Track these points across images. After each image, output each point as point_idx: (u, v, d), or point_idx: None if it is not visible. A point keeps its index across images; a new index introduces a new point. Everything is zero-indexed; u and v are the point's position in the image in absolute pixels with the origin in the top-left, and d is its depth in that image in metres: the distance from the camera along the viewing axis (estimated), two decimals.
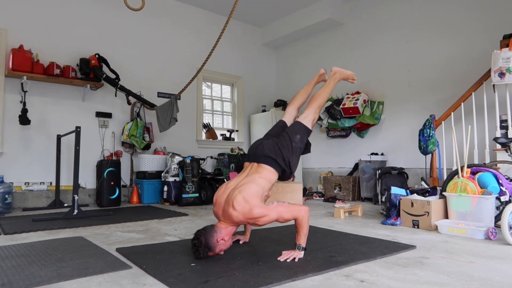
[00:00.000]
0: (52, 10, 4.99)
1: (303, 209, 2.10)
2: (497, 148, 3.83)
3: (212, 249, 2.04)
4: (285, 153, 2.26)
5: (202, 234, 2.05)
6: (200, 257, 2.04)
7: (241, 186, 2.10)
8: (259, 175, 2.20)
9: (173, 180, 5.03)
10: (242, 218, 2.02)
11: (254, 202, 2.02)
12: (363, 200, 5.36)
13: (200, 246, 2.02)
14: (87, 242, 2.57)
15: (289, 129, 2.39)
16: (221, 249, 2.11)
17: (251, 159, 2.33)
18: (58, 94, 4.96)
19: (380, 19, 5.76)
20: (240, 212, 2.00)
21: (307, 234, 2.12)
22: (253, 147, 2.36)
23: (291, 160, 2.29)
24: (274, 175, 2.26)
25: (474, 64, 4.57)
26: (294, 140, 2.31)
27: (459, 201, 3.04)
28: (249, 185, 2.10)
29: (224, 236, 2.07)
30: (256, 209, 2.01)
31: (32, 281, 1.70)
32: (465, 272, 1.86)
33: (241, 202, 2.00)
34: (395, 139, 5.48)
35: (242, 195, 2.02)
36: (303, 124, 2.39)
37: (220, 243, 2.07)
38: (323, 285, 1.67)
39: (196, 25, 6.46)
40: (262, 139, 2.41)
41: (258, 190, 2.11)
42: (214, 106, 6.93)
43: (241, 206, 2.00)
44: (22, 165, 4.66)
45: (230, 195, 2.07)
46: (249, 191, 2.05)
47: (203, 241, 2.02)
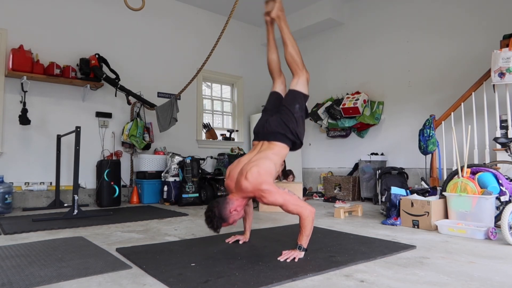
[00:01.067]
0: (52, 10, 4.99)
1: (309, 209, 2.11)
2: (497, 148, 3.83)
3: (226, 219, 2.11)
4: (291, 126, 2.30)
5: (215, 206, 2.12)
6: (214, 228, 2.10)
7: (256, 160, 2.18)
8: (272, 152, 2.27)
9: (173, 180, 5.03)
10: (251, 188, 2.09)
11: (266, 178, 2.11)
12: (363, 200, 5.36)
13: (214, 217, 2.09)
14: (87, 242, 2.57)
15: (286, 101, 2.39)
16: (234, 220, 2.18)
17: (260, 137, 2.38)
18: (58, 94, 4.96)
19: (380, 19, 5.76)
20: (251, 182, 2.08)
21: (309, 236, 2.12)
22: (260, 125, 2.40)
23: (298, 130, 2.34)
24: (285, 149, 2.34)
25: (474, 64, 4.56)
26: (295, 111, 2.33)
27: (459, 201, 3.04)
28: (264, 161, 2.17)
29: (237, 206, 2.16)
30: (266, 184, 2.08)
31: (32, 281, 1.70)
32: (465, 272, 1.86)
33: (255, 174, 2.09)
34: (395, 139, 5.48)
35: (257, 168, 2.11)
36: (297, 91, 2.39)
37: (233, 214, 2.14)
38: (323, 285, 1.67)
39: (196, 25, 6.46)
40: (266, 117, 2.42)
41: (271, 167, 2.18)
42: (214, 106, 6.93)
43: (254, 178, 2.08)
44: (22, 165, 4.66)
45: (244, 168, 2.16)
46: (264, 166, 2.14)
47: (217, 213, 2.09)
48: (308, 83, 2.44)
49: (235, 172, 2.24)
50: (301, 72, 2.43)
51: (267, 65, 2.65)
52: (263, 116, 2.47)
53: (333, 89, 6.35)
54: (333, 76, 6.45)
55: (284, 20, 2.52)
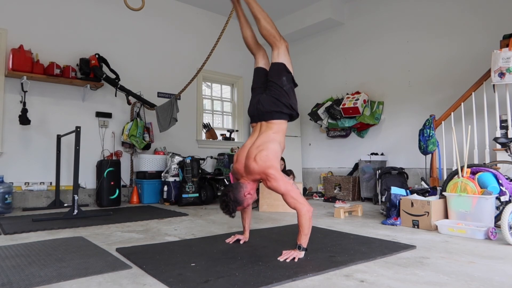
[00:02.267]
0: (52, 10, 4.99)
1: (306, 206, 2.11)
2: (497, 148, 3.83)
3: (241, 203, 2.18)
4: (283, 100, 2.32)
5: (230, 190, 2.18)
6: (230, 212, 2.16)
7: (262, 144, 2.22)
8: (272, 131, 2.30)
9: (173, 180, 5.03)
10: (258, 170, 2.16)
11: (274, 163, 2.17)
12: (363, 200, 5.36)
13: (229, 201, 2.15)
14: (87, 242, 2.57)
15: (272, 76, 2.38)
16: (248, 203, 2.25)
17: (256, 119, 2.40)
18: (58, 94, 4.96)
19: (380, 19, 5.76)
20: (259, 165, 2.15)
21: (308, 235, 2.12)
22: (253, 107, 2.41)
23: (291, 102, 2.36)
24: (284, 124, 2.37)
25: (474, 64, 4.57)
26: (283, 84, 2.34)
27: (459, 201, 3.04)
28: (270, 144, 2.23)
29: (250, 190, 2.23)
30: (273, 169, 2.14)
31: (32, 281, 1.70)
32: (465, 272, 1.86)
33: (264, 158, 2.15)
34: (395, 139, 5.48)
35: (266, 152, 2.17)
36: (281, 63, 2.38)
37: (248, 197, 2.21)
38: (323, 285, 1.67)
39: (196, 25, 6.46)
40: (256, 96, 2.42)
41: (278, 149, 2.25)
42: (214, 106, 6.93)
43: (262, 161, 2.15)
44: (22, 165, 4.66)
45: (250, 151, 2.23)
46: (271, 149, 2.20)
47: (232, 196, 2.15)
48: (288, 51, 2.43)
49: (242, 156, 2.28)
50: (279, 42, 2.41)
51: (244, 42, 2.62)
52: (253, 96, 2.46)
53: (333, 89, 6.35)
54: (333, 76, 6.45)
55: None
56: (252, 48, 2.60)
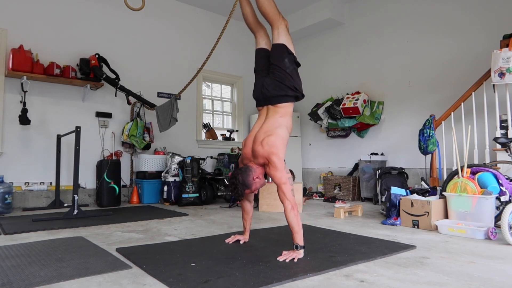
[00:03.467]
0: (52, 10, 4.99)
1: (292, 203, 2.12)
2: (497, 148, 3.83)
3: (249, 186, 2.18)
4: (288, 83, 2.31)
5: (239, 173, 2.19)
6: (238, 194, 2.17)
7: (270, 129, 2.23)
8: (279, 115, 2.31)
9: (173, 180, 5.03)
10: (262, 153, 2.18)
11: (280, 152, 2.18)
12: (363, 200, 5.36)
13: (238, 183, 2.16)
14: (87, 242, 2.57)
15: (274, 59, 2.37)
16: (256, 187, 2.24)
17: (262, 103, 2.40)
18: (58, 94, 4.96)
19: (380, 19, 5.76)
20: (264, 148, 2.16)
21: (300, 232, 2.11)
22: (258, 91, 2.39)
23: (295, 84, 2.35)
24: (290, 107, 2.37)
25: (474, 64, 4.57)
26: (286, 66, 2.33)
27: (459, 201, 3.04)
28: (279, 129, 2.23)
29: (259, 174, 2.24)
30: (276, 157, 2.15)
31: (32, 281, 1.70)
32: (465, 272, 1.86)
33: (271, 142, 2.17)
34: (395, 139, 5.48)
35: (274, 137, 2.19)
36: (281, 44, 2.37)
37: (256, 181, 2.22)
38: (323, 285, 1.67)
39: (196, 25, 6.46)
40: (260, 80, 2.39)
41: (286, 134, 2.26)
42: (214, 106, 6.93)
43: (269, 145, 2.16)
44: (22, 165, 4.66)
45: (258, 136, 2.25)
46: (280, 136, 2.21)
47: (241, 179, 2.16)
48: (288, 30, 2.42)
49: (250, 140, 2.30)
50: (279, 21, 2.40)
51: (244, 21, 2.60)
52: (257, 79, 2.43)
53: (333, 89, 6.35)
54: (333, 76, 6.45)
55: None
56: (252, 26, 2.57)
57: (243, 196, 2.22)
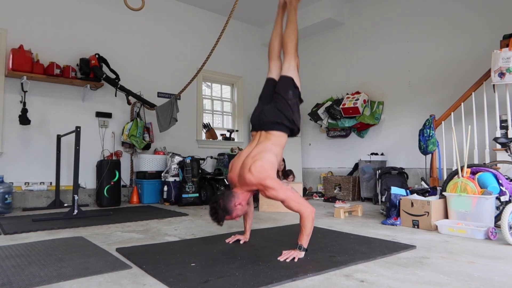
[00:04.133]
0: (52, 10, 4.99)
1: (309, 207, 2.11)
2: (497, 148, 3.83)
3: (230, 212, 2.13)
4: (286, 113, 2.31)
5: (220, 198, 2.14)
6: (218, 220, 2.12)
7: (257, 154, 2.18)
8: (270, 142, 2.27)
9: (173, 180, 5.02)
10: (254, 182, 2.11)
11: (271, 173, 2.12)
12: (363, 200, 5.36)
13: (218, 209, 2.11)
14: (87, 242, 2.57)
15: (279, 88, 2.39)
16: (238, 214, 2.19)
17: (257, 128, 2.39)
18: (58, 94, 4.96)
19: (380, 19, 5.76)
20: (255, 176, 2.09)
21: (309, 235, 2.12)
22: (255, 116, 2.40)
23: (294, 117, 2.34)
24: (284, 137, 2.34)
25: (474, 64, 4.56)
26: (289, 98, 2.34)
27: (459, 201, 3.04)
28: (266, 154, 2.18)
29: (241, 200, 2.17)
30: (270, 180, 2.10)
31: (32, 281, 1.70)
32: (465, 272, 1.86)
33: (259, 168, 2.10)
34: (395, 139, 5.48)
35: (261, 162, 2.12)
36: (289, 77, 2.40)
37: (238, 208, 2.16)
38: (323, 285, 1.67)
39: (196, 25, 6.46)
40: (260, 106, 2.42)
41: (274, 159, 2.20)
42: (214, 106, 6.93)
43: (258, 172, 2.10)
44: (22, 165, 4.66)
45: (246, 161, 2.18)
46: (267, 160, 2.15)
47: (222, 204, 2.11)
48: (298, 69, 2.46)
49: (237, 165, 2.25)
50: (293, 56, 2.44)
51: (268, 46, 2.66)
52: (258, 105, 2.47)
53: (333, 89, 6.35)
54: (333, 76, 6.45)
55: (295, 7, 2.58)
56: (273, 53, 2.62)
57: (222, 222, 2.15)
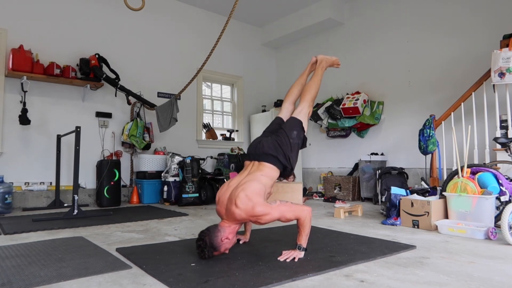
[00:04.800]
0: (52, 10, 4.99)
1: (305, 209, 2.10)
2: (497, 148, 3.83)
3: (217, 248, 2.05)
4: (284, 149, 2.27)
5: (206, 234, 2.04)
6: (205, 257, 2.05)
7: (243, 184, 2.09)
8: (261, 173, 2.19)
9: (173, 180, 5.03)
10: (244, 216, 2.01)
11: (257, 200, 2.01)
12: (363, 200, 5.36)
13: (205, 247, 2.02)
14: (87, 242, 2.57)
15: (285, 126, 2.39)
16: (226, 248, 2.11)
17: (252, 158, 2.33)
18: (58, 94, 4.96)
19: (380, 19, 5.76)
20: (243, 210, 1.99)
21: (308, 235, 2.12)
22: (253, 145, 2.36)
23: (291, 156, 2.30)
24: (275, 172, 2.25)
25: (474, 64, 4.57)
26: (291, 137, 2.32)
27: (459, 201, 3.04)
28: (252, 183, 2.09)
29: (228, 234, 2.07)
30: (258, 207, 1.99)
31: (32, 281, 1.70)
32: (465, 272, 1.86)
33: (244, 200, 1.99)
34: (395, 139, 5.48)
35: (245, 193, 2.01)
36: (298, 119, 2.39)
37: (225, 242, 2.06)
38: (323, 285, 1.67)
39: (196, 25, 6.46)
40: (261, 137, 2.40)
41: (260, 188, 2.09)
42: (214, 106, 6.93)
43: (244, 204, 1.98)
44: (22, 165, 4.66)
45: (233, 193, 2.06)
46: (252, 189, 2.04)
47: (208, 242, 2.02)
48: (308, 118, 2.47)
49: (224, 197, 2.14)
50: (308, 103, 2.47)
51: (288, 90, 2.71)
52: (259, 137, 2.45)
53: (333, 89, 6.35)
54: (333, 76, 6.45)
55: (323, 68, 2.74)
56: (289, 98, 2.64)
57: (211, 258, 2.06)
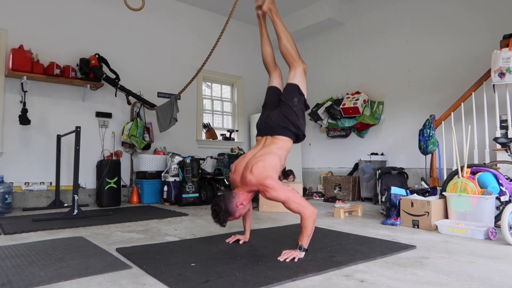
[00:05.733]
0: (52, 10, 4.99)
1: (310, 208, 2.11)
2: (497, 148, 3.83)
3: (232, 213, 2.13)
4: (291, 119, 2.32)
5: (221, 200, 2.14)
6: (220, 222, 2.12)
7: (261, 155, 2.20)
8: (276, 146, 2.29)
9: (173, 180, 5.03)
10: (255, 182, 2.11)
11: (271, 173, 2.12)
12: (363, 200, 5.36)
13: (220, 211, 2.11)
14: (87, 242, 2.57)
15: (284, 96, 2.40)
16: (241, 214, 2.20)
17: (263, 133, 2.40)
18: (58, 94, 4.96)
19: (380, 19, 5.76)
20: (256, 176, 2.10)
21: (310, 236, 2.12)
22: (262, 121, 2.42)
23: (299, 123, 2.35)
24: (289, 143, 2.35)
25: (474, 64, 4.56)
26: (294, 104, 2.35)
27: (459, 201, 3.04)
28: (269, 156, 2.20)
29: (243, 200, 2.18)
30: (270, 180, 2.09)
31: (32, 281, 1.70)
32: (465, 272, 1.86)
33: (260, 168, 2.11)
34: (395, 139, 5.48)
35: (263, 163, 2.13)
36: (294, 84, 2.39)
37: (240, 208, 2.16)
38: (323, 285, 1.67)
39: (196, 25, 6.46)
40: (266, 112, 2.43)
41: (276, 162, 2.20)
42: (214, 106, 6.93)
43: (258, 172, 2.10)
44: (22, 165, 4.66)
45: (250, 162, 2.19)
46: (269, 162, 2.16)
47: (223, 207, 2.11)
48: (305, 73, 2.45)
49: (240, 166, 2.25)
50: (297, 63, 2.43)
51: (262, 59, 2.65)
52: (263, 111, 2.48)
53: (333, 89, 6.35)
54: (333, 76, 6.45)
55: (276, 12, 2.53)
56: (269, 66, 2.62)
57: (225, 223, 2.15)
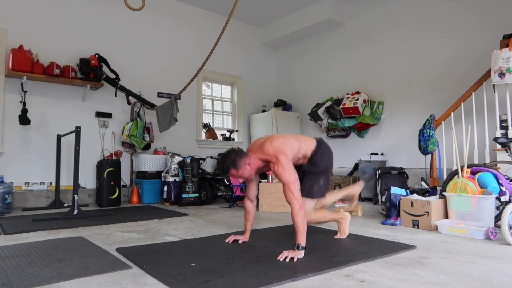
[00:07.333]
0: (52, 10, 4.99)
1: (299, 204, 2.13)
2: (497, 148, 3.83)
3: (237, 167, 2.22)
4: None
5: (235, 151, 2.26)
6: (223, 168, 2.22)
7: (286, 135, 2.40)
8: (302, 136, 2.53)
9: (173, 180, 5.02)
10: (271, 152, 2.23)
11: (288, 152, 2.25)
12: (363, 200, 5.36)
13: (228, 159, 2.21)
14: (87, 242, 2.57)
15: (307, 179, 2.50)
16: (243, 174, 2.27)
17: None
18: (58, 94, 4.96)
19: (380, 19, 5.76)
20: (274, 147, 2.24)
21: (304, 233, 2.12)
22: None
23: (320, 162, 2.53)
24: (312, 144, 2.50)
25: (474, 64, 4.56)
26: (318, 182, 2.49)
27: (459, 201, 3.04)
28: (291, 138, 2.37)
29: (252, 162, 2.28)
30: (284, 156, 2.21)
31: (32, 281, 1.70)
32: (465, 272, 1.86)
33: (280, 142, 2.28)
34: (395, 139, 5.48)
35: (284, 140, 2.31)
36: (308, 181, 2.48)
37: (246, 167, 2.25)
38: (323, 285, 1.67)
39: (196, 25, 6.46)
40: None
41: (296, 144, 2.36)
42: (214, 106, 6.93)
43: (278, 145, 2.26)
44: (22, 165, 4.66)
45: (274, 136, 2.38)
46: (290, 142, 2.33)
47: (233, 156, 2.21)
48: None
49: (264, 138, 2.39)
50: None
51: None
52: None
53: (333, 89, 6.34)
54: (333, 76, 6.45)
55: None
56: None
57: (225, 174, 2.27)
